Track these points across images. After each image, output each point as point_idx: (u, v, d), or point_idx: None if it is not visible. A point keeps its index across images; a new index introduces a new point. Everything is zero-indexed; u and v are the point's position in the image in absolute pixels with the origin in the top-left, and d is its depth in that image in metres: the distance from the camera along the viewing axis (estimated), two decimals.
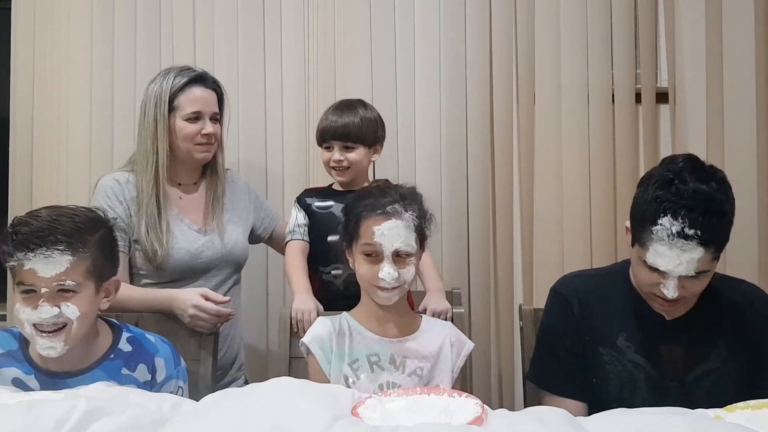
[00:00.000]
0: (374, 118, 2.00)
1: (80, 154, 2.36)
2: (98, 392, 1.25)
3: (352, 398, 1.21)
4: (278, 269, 2.34)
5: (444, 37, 2.35)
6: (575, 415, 1.41)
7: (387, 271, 1.44)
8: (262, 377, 1.86)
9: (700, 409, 1.23)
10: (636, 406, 1.29)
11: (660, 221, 1.32)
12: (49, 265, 1.33)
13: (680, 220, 1.31)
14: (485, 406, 1.19)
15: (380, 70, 2.34)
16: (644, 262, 1.38)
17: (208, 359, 1.71)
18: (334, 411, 1.11)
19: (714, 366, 1.46)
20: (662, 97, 2.37)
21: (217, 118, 1.97)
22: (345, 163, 1.96)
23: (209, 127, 1.93)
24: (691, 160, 1.40)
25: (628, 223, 1.46)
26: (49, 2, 2.38)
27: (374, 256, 1.46)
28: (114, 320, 1.56)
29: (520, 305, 1.85)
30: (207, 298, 1.73)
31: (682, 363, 1.46)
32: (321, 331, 1.53)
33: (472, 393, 1.34)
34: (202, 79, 1.96)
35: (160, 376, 1.49)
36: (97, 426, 1.07)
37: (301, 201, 2.02)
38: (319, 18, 2.35)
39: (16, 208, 2.38)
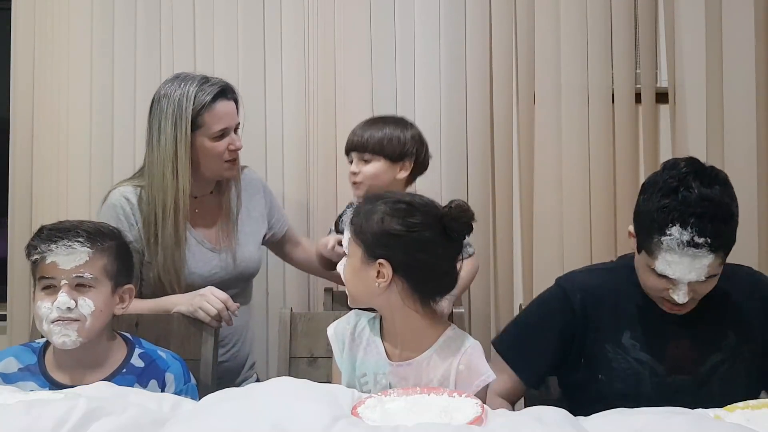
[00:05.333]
0: (404, 135, 1.91)
1: (80, 154, 2.35)
2: (98, 392, 1.24)
3: (352, 398, 1.21)
4: (278, 269, 2.34)
5: (444, 37, 2.35)
6: (509, 392, 1.54)
7: (341, 262, 1.46)
8: (262, 377, 1.86)
9: (700, 409, 1.23)
10: (642, 403, 1.29)
11: (669, 231, 1.33)
12: (69, 257, 1.42)
13: (690, 230, 1.31)
14: (485, 406, 1.19)
15: (380, 70, 2.34)
16: (653, 270, 1.38)
17: (209, 359, 1.71)
18: (334, 411, 1.11)
19: (726, 356, 1.47)
20: (662, 97, 2.36)
21: (238, 129, 1.89)
22: (359, 177, 1.90)
23: (237, 141, 1.85)
24: (693, 163, 1.40)
25: (631, 228, 1.47)
26: (49, 3, 2.38)
27: None
28: (128, 335, 1.58)
29: (520, 305, 1.85)
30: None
31: (692, 357, 1.47)
32: (341, 325, 1.50)
33: None
34: (224, 91, 1.84)
35: (169, 391, 1.51)
36: (97, 426, 1.07)
37: (337, 225, 1.97)
38: (319, 18, 2.35)
39: (16, 208, 2.38)
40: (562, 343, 1.54)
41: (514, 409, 1.61)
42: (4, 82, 2.42)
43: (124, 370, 1.50)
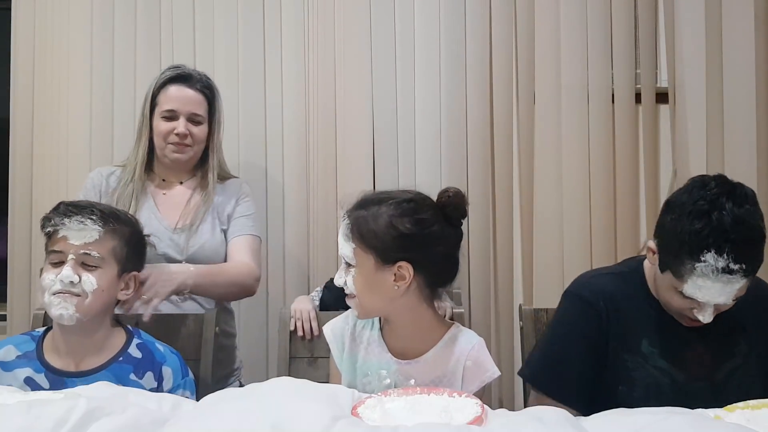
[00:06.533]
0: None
1: (80, 154, 2.36)
2: (98, 392, 1.24)
3: (352, 398, 1.21)
4: (278, 270, 2.34)
5: (444, 37, 2.35)
6: None
7: (337, 274, 1.40)
8: (262, 377, 1.86)
9: (699, 409, 1.23)
10: None
11: (703, 257, 1.27)
12: (80, 232, 1.45)
13: (725, 256, 1.26)
14: (485, 406, 1.19)
15: (380, 70, 2.35)
16: (680, 292, 1.34)
17: (208, 359, 1.71)
18: (334, 411, 1.11)
19: (739, 362, 1.45)
20: (662, 97, 2.37)
21: (197, 119, 1.92)
22: None
23: (181, 127, 1.89)
24: (723, 183, 1.35)
25: (651, 244, 1.41)
26: (49, 2, 2.39)
27: None
28: (128, 325, 1.59)
29: (520, 305, 1.84)
30: None
31: (708, 363, 1.44)
32: (339, 324, 1.50)
33: None
34: (185, 78, 1.93)
35: (167, 385, 1.50)
36: (97, 426, 1.06)
37: (324, 293, 2.01)
38: (319, 18, 2.35)
39: (16, 208, 2.39)
40: (597, 353, 1.46)
41: None
42: (4, 82, 2.42)
43: (121, 359, 1.50)
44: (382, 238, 1.33)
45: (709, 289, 1.30)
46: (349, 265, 1.37)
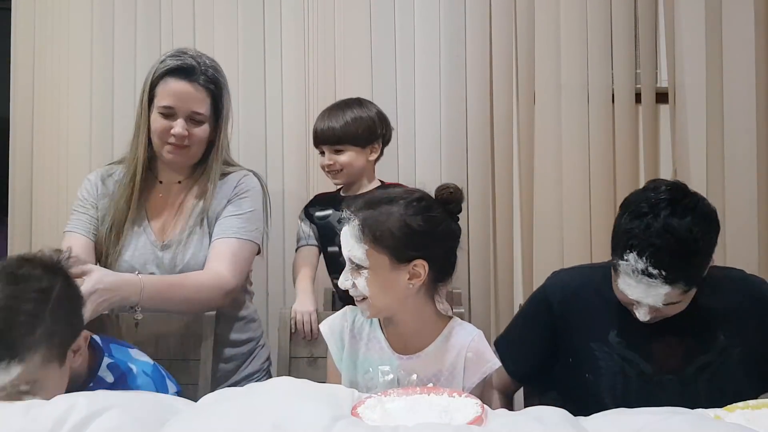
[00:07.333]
0: (367, 117, 1.94)
1: (80, 154, 2.36)
2: (97, 392, 1.24)
3: (352, 398, 1.21)
4: (278, 270, 2.34)
5: (444, 37, 2.35)
6: (505, 386, 1.60)
7: (342, 277, 1.38)
8: None
9: (700, 409, 1.23)
10: (629, 402, 1.29)
11: (626, 256, 1.32)
12: None
13: (644, 260, 1.30)
14: (485, 406, 1.19)
15: (380, 70, 2.35)
16: (617, 285, 1.39)
17: (208, 359, 1.71)
18: (333, 411, 1.11)
19: (713, 358, 1.44)
20: (662, 97, 2.37)
21: (198, 118, 1.73)
22: (336, 167, 1.94)
23: (178, 128, 1.69)
24: (674, 190, 1.36)
25: None
26: (49, 2, 2.39)
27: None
28: (97, 340, 1.41)
29: (520, 305, 1.84)
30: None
31: (678, 357, 1.45)
32: (336, 322, 1.49)
33: None
34: (187, 71, 1.72)
35: None
36: (96, 426, 1.06)
37: (305, 211, 2.04)
38: (319, 18, 2.36)
39: (16, 208, 2.39)
40: (545, 341, 1.55)
41: (513, 403, 1.65)
42: (5, 82, 2.42)
43: (92, 384, 1.36)
44: (394, 238, 1.33)
45: (634, 288, 1.34)
46: (358, 267, 1.35)
